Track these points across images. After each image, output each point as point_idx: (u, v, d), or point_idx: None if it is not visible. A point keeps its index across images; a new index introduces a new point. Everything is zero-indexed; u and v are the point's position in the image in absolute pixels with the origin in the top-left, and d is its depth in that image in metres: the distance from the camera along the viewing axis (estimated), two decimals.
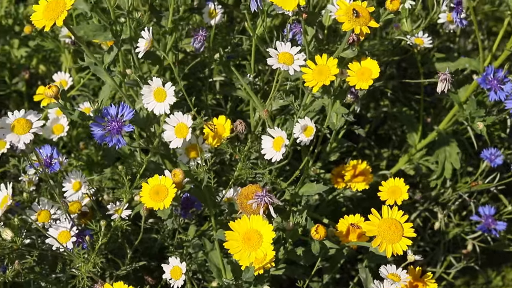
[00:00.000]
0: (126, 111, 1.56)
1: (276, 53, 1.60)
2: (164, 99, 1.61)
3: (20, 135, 1.45)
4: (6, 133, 1.46)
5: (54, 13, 1.49)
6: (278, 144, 1.61)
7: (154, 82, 1.60)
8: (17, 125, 1.46)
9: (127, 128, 1.56)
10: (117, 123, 1.56)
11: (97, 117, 1.57)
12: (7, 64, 2.43)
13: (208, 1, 2.01)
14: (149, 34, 1.65)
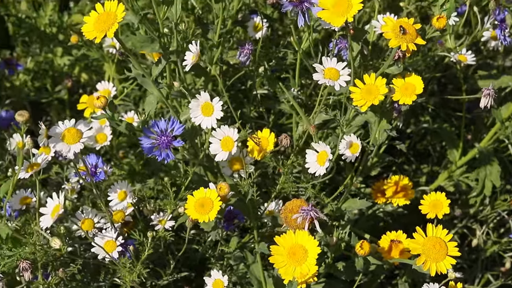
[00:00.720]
0: (176, 126, 1.58)
1: (322, 68, 1.62)
2: (212, 114, 1.63)
3: (71, 144, 1.48)
4: (56, 142, 1.48)
5: (105, 25, 1.51)
6: (322, 158, 1.62)
7: (202, 96, 1.62)
8: (68, 134, 1.48)
9: (176, 143, 1.58)
10: (167, 138, 1.58)
11: (146, 130, 1.59)
12: (50, 72, 2.47)
13: (252, 15, 2.03)
14: (197, 48, 1.67)
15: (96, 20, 1.53)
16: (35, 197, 1.75)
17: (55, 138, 1.48)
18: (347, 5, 1.58)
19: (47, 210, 1.63)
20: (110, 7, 1.53)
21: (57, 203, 1.62)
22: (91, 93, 2.42)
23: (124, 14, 1.50)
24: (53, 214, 1.61)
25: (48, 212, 1.62)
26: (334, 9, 1.58)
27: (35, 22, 2.39)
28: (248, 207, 1.71)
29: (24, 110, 2.30)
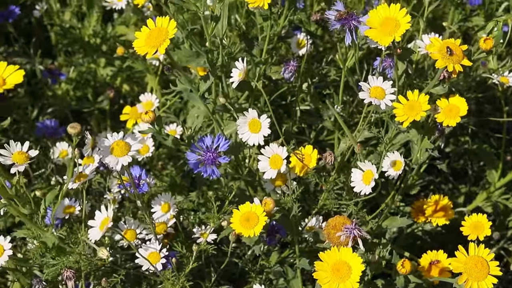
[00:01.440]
0: (222, 142, 1.61)
1: (368, 87, 1.64)
2: (259, 131, 1.65)
3: (119, 157, 1.50)
4: (105, 154, 1.51)
5: (157, 41, 1.54)
6: (368, 177, 1.64)
7: (250, 113, 1.65)
8: (116, 147, 1.50)
9: (222, 159, 1.60)
10: (212, 154, 1.60)
11: (193, 146, 1.62)
12: (91, 82, 2.51)
13: (296, 31, 2.06)
14: (244, 65, 1.70)
15: (147, 36, 1.56)
16: (79, 206, 1.78)
17: (104, 150, 1.51)
18: (395, 24, 1.60)
19: (96, 223, 1.66)
20: (162, 23, 1.56)
21: (105, 216, 1.65)
22: (132, 104, 2.46)
23: (176, 30, 1.53)
24: (101, 227, 1.64)
25: (97, 225, 1.65)
26: (382, 28, 1.61)
27: (79, 33, 2.43)
28: (291, 223, 1.73)
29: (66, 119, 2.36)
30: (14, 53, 2.64)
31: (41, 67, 2.48)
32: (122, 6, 2.34)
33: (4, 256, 1.58)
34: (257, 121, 1.65)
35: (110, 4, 2.36)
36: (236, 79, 1.70)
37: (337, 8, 1.66)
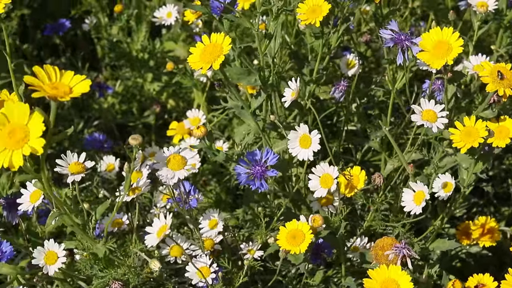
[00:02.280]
0: (270, 157, 1.64)
1: (420, 110, 1.66)
2: (309, 146, 1.68)
3: (175, 171, 1.54)
4: (161, 167, 1.55)
5: (211, 57, 1.58)
6: (419, 198, 1.66)
7: (301, 128, 1.68)
8: (173, 160, 1.54)
9: (270, 173, 1.63)
10: (261, 168, 1.64)
11: (242, 161, 1.65)
12: (137, 96, 2.55)
13: (345, 52, 2.09)
14: (297, 85, 1.73)
15: (202, 51, 1.60)
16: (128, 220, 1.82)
17: (160, 163, 1.55)
18: (447, 48, 1.63)
19: (153, 229, 1.69)
20: (217, 39, 1.60)
21: (163, 224, 1.69)
22: (176, 119, 2.50)
23: (230, 47, 1.57)
24: (159, 234, 1.67)
25: (154, 231, 1.69)
26: (434, 51, 1.63)
27: (127, 47, 2.48)
28: (338, 242, 1.75)
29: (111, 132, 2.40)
30: (61, 65, 2.69)
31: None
32: (171, 22, 2.39)
33: (58, 263, 1.62)
34: (308, 137, 1.68)
35: (159, 20, 2.42)
36: (289, 99, 1.74)
37: (391, 27, 1.69)
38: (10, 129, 1.21)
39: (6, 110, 1.23)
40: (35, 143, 1.20)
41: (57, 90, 1.27)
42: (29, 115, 1.22)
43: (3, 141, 1.21)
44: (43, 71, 1.28)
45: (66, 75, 1.30)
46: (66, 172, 1.61)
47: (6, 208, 1.82)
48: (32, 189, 1.65)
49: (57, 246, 1.64)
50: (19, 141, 1.20)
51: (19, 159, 1.20)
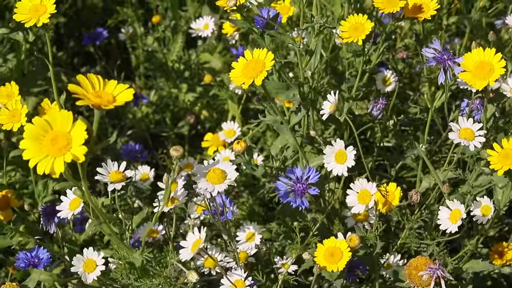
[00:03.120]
0: (312, 174, 1.65)
1: (458, 128, 1.67)
2: (344, 162, 1.69)
3: (215, 184, 1.56)
4: (200, 180, 1.56)
5: (254, 73, 1.59)
6: (455, 216, 1.67)
7: (337, 144, 1.69)
8: (213, 174, 1.56)
9: (312, 191, 1.65)
10: (302, 185, 1.65)
11: (282, 177, 1.67)
12: (171, 107, 2.58)
13: (381, 68, 2.10)
14: (336, 98, 1.74)
15: (244, 67, 1.61)
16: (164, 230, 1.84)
17: (200, 176, 1.57)
18: (489, 68, 1.64)
19: (187, 243, 1.71)
20: (259, 54, 1.61)
21: (198, 238, 1.70)
22: (210, 130, 2.52)
23: (273, 63, 1.58)
24: (193, 248, 1.69)
25: (188, 245, 1.70)
26: (477, 72, 1.64)
27: (163, 57, 2.50)
28: (373, 259, 1.76)
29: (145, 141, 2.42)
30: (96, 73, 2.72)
31: None
32: (208, 34, 2.42)
33: (97, 271, 1.65)
34: (343, 152, 1.69)
35: (196, 31, 2.44)
36: (327, 111, 1.75)
37: (434, 46, 1.71)
38: (53, 136, 1.23)
39: (49, 117, 1.25)
40: (77, 151, 1.22)
41: (100, 99, 1.29)
42: (72, 123, 1.24)
43: (45, 147, 1.22)
44: (86, 79, 1.30)
45: (110, 84, 1.32)
46: (107, 180, 1.63)
47: (44, 217, 1.85)
48: (72, 196, 1.68)
49: (96, 254, 1.66)
50: (61, 148, 1.22)
51: (60, 166, 1.22)
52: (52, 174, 1.22)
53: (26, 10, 1.63)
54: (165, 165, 2.55)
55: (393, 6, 1.80)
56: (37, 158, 1.22)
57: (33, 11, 1.63)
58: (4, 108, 1.84)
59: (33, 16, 1.63)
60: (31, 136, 1.23)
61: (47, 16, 1.62)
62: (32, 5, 1.64)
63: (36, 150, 1.23)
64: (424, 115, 2.10)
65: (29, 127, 1.24)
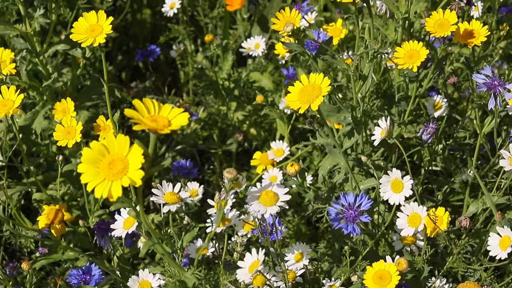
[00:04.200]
0: (364, 201, 1.68)
1: (508, 155, 1.70)
2: (401, 191, 1.72)
3: (267, 206, 1.60)
4: (253, 201, 1.61)
5: (310, 97, 1.62)
6: (505, 243, 1.69)
7: (394, 173, 1.72)
8: (265, 196, 1.60)
9: (363, 218, 1.68)
10: (354, 212, 1.68)
11: (334, 202, 1.70)
12: (219, 123, 2.63)
13: (431, 92, 2.13)
14: (387, 124, 1.78)
15: (300, 91, 1.64)
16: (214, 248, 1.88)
17: (252, 197, 1.61)
18: None
19: (245, 264, 1.75)
20: (315, 79, 1.65)
21: (256, 259, 1.74)
22: (257, 148, 2.56)
23: (329, 88, 1.62)
24: (251, 269, 1.73)
25: (246, 266, 1.74)
26: None
27: (213, 75, 2.55)
28: (420, 284, 1.79)
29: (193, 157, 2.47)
30: (145, 89, 2.78)
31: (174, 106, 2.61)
32: (259, 54, 2.46)
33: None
34: (400, 182, 1.72)
35: (247, 50, 2.49)
36: (378, 137, 1.78)
37: (485, 72, 1.74)
38: (110, 160, 1.27)
39: (107, 142, 1.28)
40: (134, 175, 1.26)
41: (156, 123, 1.32)
42: (129, 147, 1.27)
43: (103, 171, 1.26)
44: (142, 104, 1.34)
45: (164, 108, 1.35)
46: (162, 201, 1.68)
47: (98, 233, 1.89)
48: (126, 216, 1.72)
49: (152, 276, 1.70)
50: (118, 173, 1.26)
51: (118, 190, 1.25)
52: (109, 198, 1.26)
53: (82, 30, 1.68)
54: (210, 181, 2.60)
55: (444, 31, 1.83)
56: (95, 182, 1.26)
57: (89, 31, 1.68)
58: (59, 125, 1.90)
59: (90, 36, 1.68)
60: (89, 160, 1.27)
61: (104, 36, 1.66)
62: (88, 26, 1.68)
63: (93, 174, 1.27)
64: (473, 140, 2.13)
65: (86, 152, 1.28)
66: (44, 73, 2.29)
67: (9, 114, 1.82)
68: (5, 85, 1.85)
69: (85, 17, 1.66)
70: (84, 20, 1.67)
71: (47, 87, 2.27)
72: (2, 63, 2.16)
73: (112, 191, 1.26)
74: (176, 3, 2.62)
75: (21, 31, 2.17)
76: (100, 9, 2.53)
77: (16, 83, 2.13)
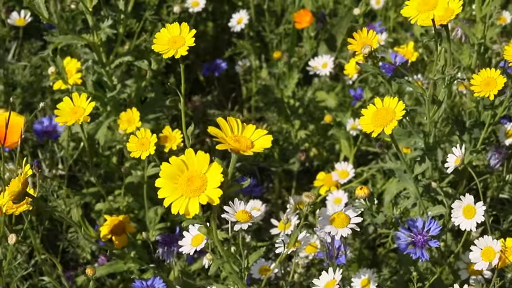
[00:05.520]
0: (433, 227, 1.69)
1: None
2: (473, 217, 1.73)
3: (339, 228, 1.61)
4: (325, 224, 1.63)
5: (384, 121, 1.62)
6: None
7: (466, 198, 1.73)
8: (337, 219, 1.62)
9: (432, 243, 1.69)
10: (423, 237, 1.69)
11: (402, 227, 1.72)
12: (280, 141, 2.65)
13: (503, 120, 2.13)
14: (462, 151, 1.79)
15: (374, 114, 1.64)
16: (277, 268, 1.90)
17: (324, 220, 1.63)
18: None
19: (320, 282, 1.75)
20: (389, 103, 1.66)
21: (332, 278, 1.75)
22: (318, 168, 2.58)
23: (404, 113, 1.62)
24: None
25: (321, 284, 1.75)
26: None
27: (278, 92, 2.58)
28: None
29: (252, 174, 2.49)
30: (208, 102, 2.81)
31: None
32: (326, 73, 2.49)
33: None
34: (472, 207, 1.73)
35: (314, 69, 2.51)
36: (452, 165, 1.79)
37: None
38: (188, 177, 1.30)
39: (186, 158, 1.31)
40: (212, 193, 1.28)
41: (239, 144, 1.35)
42: (208, 165, 1.30)
43: (180, 187, 1.29)
44: (226, 123, 1.37)
45: (248, 128, 1.38)
46: (234, 219, 1.70)
47: (163, 247, 1.92)
48: (194, 233, 1.74)
49: None
50: (196, 190, 1.29)
51: (195, 207, 1.28)
52: (186, 215, 1.28)
53: (164, 41, 1.69)
54: (269, 199, 2.62)
55: None
56: (172, 197, 1.29)
57: (171, 42, 1.69)
58: (133, 136, 1.93)
59: (172, 48, 1.68)
60: (167, 175, 1.30)
61: (186, 48, 1.66)
62: (170, 37, 1.70)
63: (171, 189, 1.30)
64: None
65: (166, 166, 1.31)
66: (109, 83, 2.32)
67: (80, 122, 1.83)
68: (76, 92, 1.87)
69: (168, 28, 1.68)
70: (167, 31, 1.69)
71: (111, 98, 2.31)
72: (68, 73, 2.21)
73: (189, 208, 1.28)
74: (244, 19, 2.65)
75: (89, 41, 2.20)
76: (167, 21, 2.59)
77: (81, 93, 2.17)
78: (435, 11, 1.65)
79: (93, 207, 2.38)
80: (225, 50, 2.85)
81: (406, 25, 2.80)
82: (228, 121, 1.37)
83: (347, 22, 2.71)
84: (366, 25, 2.51)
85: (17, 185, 1.47)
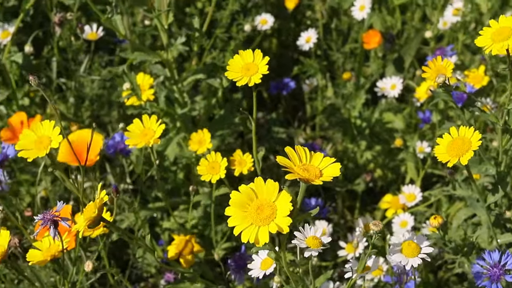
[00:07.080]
0: (510, 261, 1.70)
1: None
2: None
3: (409, 257, 1.64)
4: (395, 253, 1.65)
5: (460, 151, 1.61)
6: None
7: None
8: (407, 247, 1.64)
9: (508, 278, 1.70)
10: (499, 271, 1.71)
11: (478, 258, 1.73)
12: (344, 161, 2.68)
13: None
14: None
15: (449, 144, 1.66)
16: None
17: (394, 248, 1.66)
18: None
19: None
20: (465, 133, 1.67)
21: None
22: (382, 189, 2.61)
23: (480, 143, 1.64)
24: None
25: None
26: None
27: (345, 112, 2.61)
28: None
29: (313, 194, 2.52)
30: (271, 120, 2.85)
31: (302, 139, 2.69)
32: (395, 95, 2.52)
33: None
34: None
35: (382, 90, 2.54)
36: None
37: None
38: (258, 205, 1.33)
39: (255, 186, 1.34)
40: (281, 222, 1.31)
41: (308, 173, 1.37)
42: (277, 193, 1.33)
43: (250, 216, 1.33)
44: (294, 151, 1.40)
45: (316, 157, 1.41)
46: (304, 246, 1.73)
47: (234, 268, 1.96)
48: (263, 256, 1.77)
49: None
50: (266, 218, 1.32)
51: (265, 236, 1.31)
52: (256, 243, 1.31)
53: (238, 68, 1.72)
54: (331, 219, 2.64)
55: None
56: (242, 226, 1.32)
57: (244, 69, 1.71)
58: (204, 159, 1.97)
59: (245, 75, 1.70)
60: (237, 203, 1.34)
61: (259, 76, 1.68)
62: (244, 64, 1.73)
63: (241, 218, 1.33)
64: None
65: (235, 195, 1.34)
66: (180, 100, 2.37)
67: (150, 144, 1.87)
68: (146, 114, 1.91)
69: (241, 55, 1.71)
70: (240, 58, 1.72)
71: (182, 115, 2.35)
72: (141, 89, 2.26)
73: (259, 237, 1.31)
74: (313, 37, 2.69)
75: (163, 58, 2.26)
76: (237, 38, 2.63)
77: (153, 109, 2.22)
78: (509, 41, 1.67)
79: (158, 221, 2.43)
80: (290, 68, 2.88)
81: (472, 47, 2.82)
82: (296, 150, 1.40)
83: (416, 43, 2.73)
84: (437, 49, 2.54)
85: (93, 211, 1.50)
